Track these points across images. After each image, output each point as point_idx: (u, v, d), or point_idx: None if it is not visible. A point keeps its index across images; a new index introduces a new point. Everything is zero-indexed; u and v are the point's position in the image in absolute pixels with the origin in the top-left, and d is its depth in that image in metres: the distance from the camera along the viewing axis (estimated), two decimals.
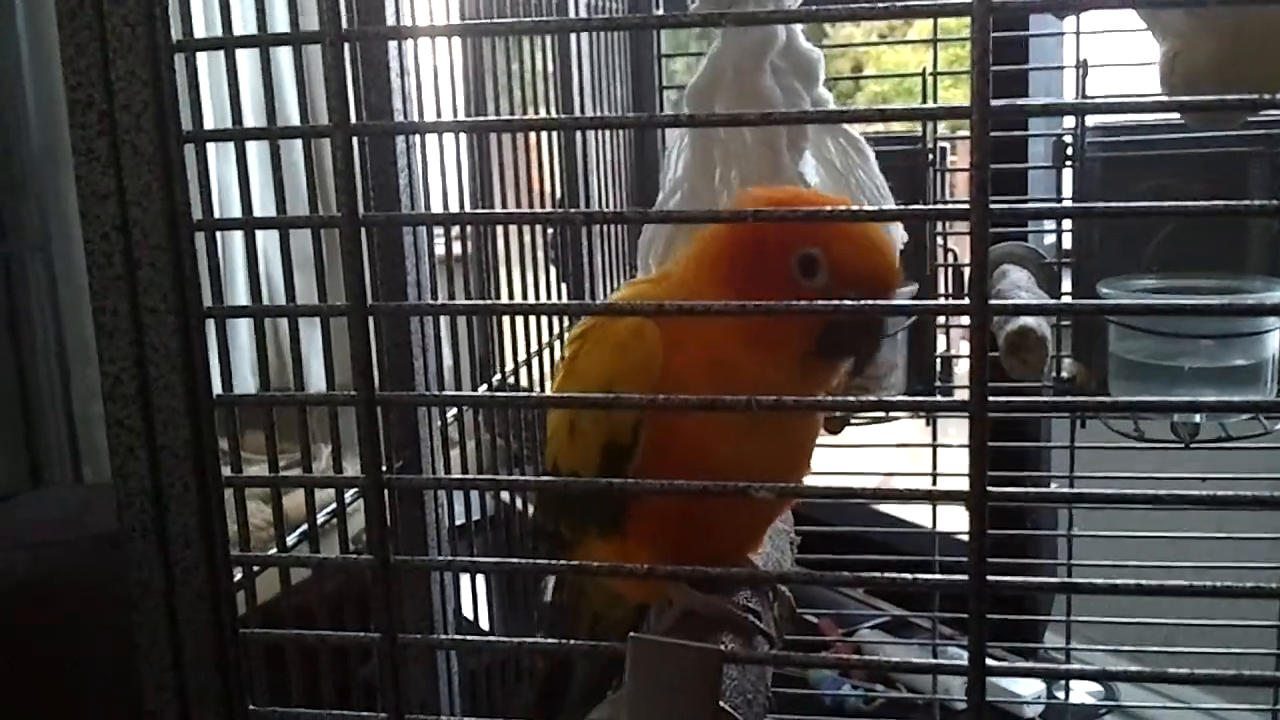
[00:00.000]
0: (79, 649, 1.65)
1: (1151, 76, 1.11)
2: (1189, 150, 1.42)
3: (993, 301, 0.48)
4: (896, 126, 1.63)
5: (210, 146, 0.62)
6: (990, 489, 0.48)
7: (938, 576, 0.54)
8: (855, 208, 0.73)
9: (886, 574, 0.54)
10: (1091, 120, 1.50)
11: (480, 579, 1.34)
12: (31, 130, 2.56)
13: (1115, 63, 1.50)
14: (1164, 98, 0.96)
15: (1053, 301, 1.45)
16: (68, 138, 0.55)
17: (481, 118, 1.15)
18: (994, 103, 0.46)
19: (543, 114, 1.35)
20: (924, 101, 1.57)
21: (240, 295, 2.04)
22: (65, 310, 2.61)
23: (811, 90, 1.01)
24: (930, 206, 1.51)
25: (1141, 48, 1.19)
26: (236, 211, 0.69)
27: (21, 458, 2.69)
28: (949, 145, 1.61)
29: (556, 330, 1.31)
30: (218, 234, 0.61)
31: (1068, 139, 1.50)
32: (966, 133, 1.66)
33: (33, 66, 2.56)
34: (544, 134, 1.34)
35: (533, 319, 1.25)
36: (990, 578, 0.49)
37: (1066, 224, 1.56)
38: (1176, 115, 1.35)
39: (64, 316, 2.62)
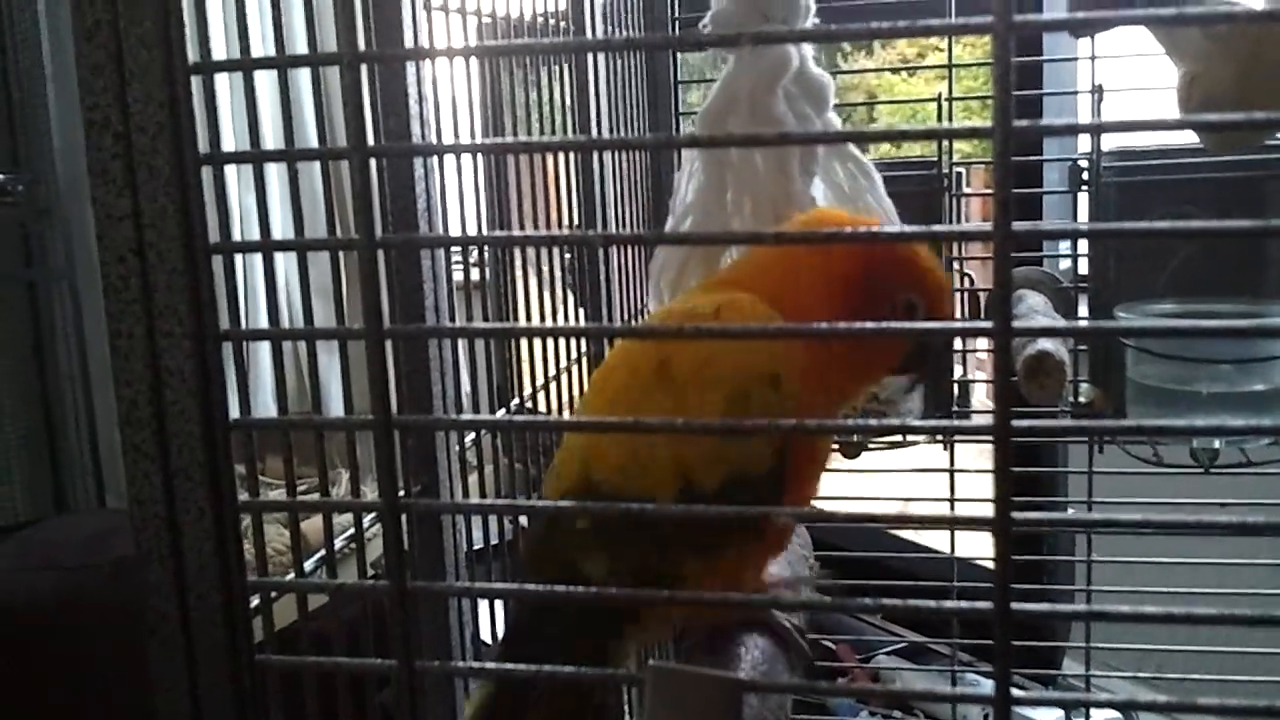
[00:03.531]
0: (101, 672, 1.64)
1: (1167, 102, 1.11)
2: (1205, 175, 1.42)
3: (1016, 324, 0.48)
4: (914, 150, 1.63)
5: (231, 174, 0.62)
6: (1014, 514, 0.48)
7: (961, 604, 0.53)
8: (883, 229, 0.73)
9: (910, 601, 0.53)
10: (1107, 146, 1.49)
11: (498, 605, 1.33)
12: (57, 160, 2.58)
13: (1131, 87, 1.50)
14: (1189, 117, 0.96)
15: (1075, 324, 1.45)
16: None
17: (499, 139, 1.14)
18: (1016, 123, 0.45)
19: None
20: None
21: (261, 322, 2.04)
22: (89, 337, 2.63)
23: (822, 114, 1.01)
24: (954, 227, 1.50)
25: (1157, 74, 1.19)
26: (257, 237, 0.69)
27: (46, 484, 2.70)
28: (964, 171, 1.60)
29: (574, 355, 1.31)
30: (238, 262, 0.61)
31: (1083, 164, 1.50)
32: (981, 159, 1.66)
33: (58, 98, 2.59)
34: (562, 165, 1.33)
35: (550, 344, 1.24)
36: (1015, 605, 0.49)
37: (1083, 248, 1.55)
38: (1192, 141, 1.35)
39: (88, 344, 2.64)
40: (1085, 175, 1.50)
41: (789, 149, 0.88)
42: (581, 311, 1.37)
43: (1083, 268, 1.55)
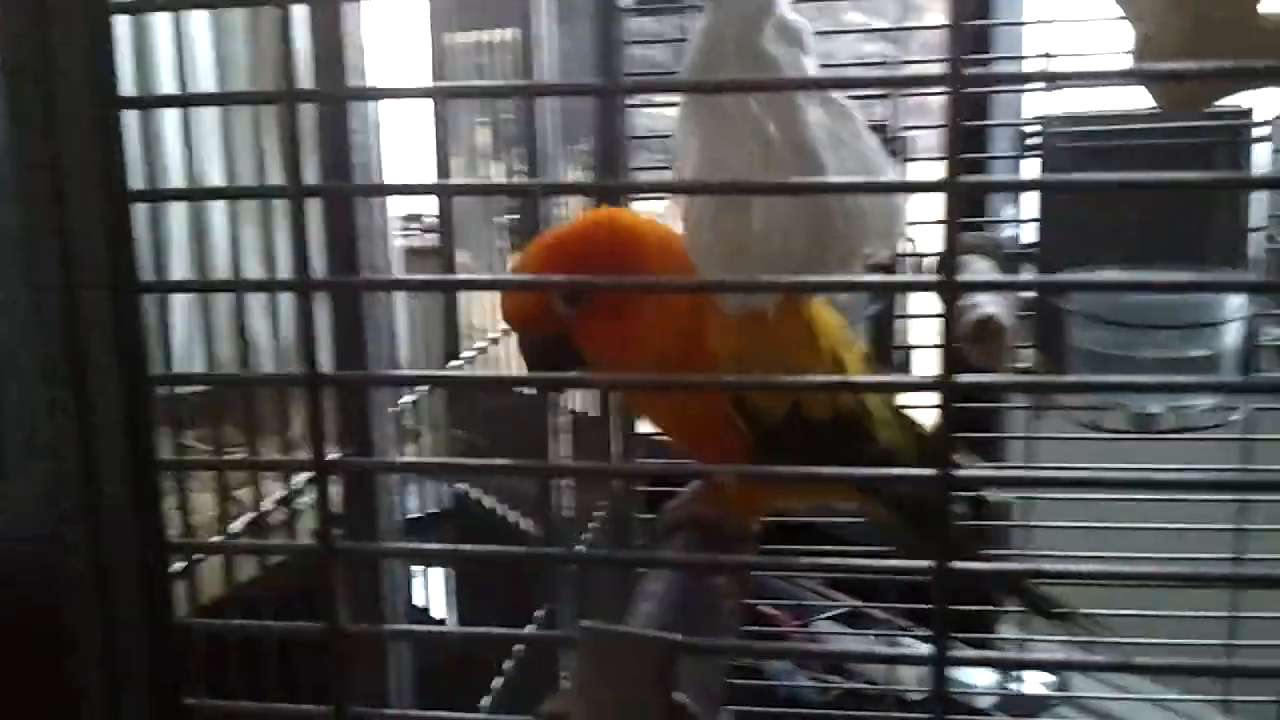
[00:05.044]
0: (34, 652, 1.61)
1: (1116, 68, 1.10)
2: (1152, 141, 1.42)
3: (961, 278, 0.47)
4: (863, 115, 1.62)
5: (171, 126, 0.60)
6: (952, 472, 0.47)
7: (902, 562, 0.52)
8: (840, 180, 0.71)
9: (848, 559, 0.52)
10: (1056, 110, 1.49)
11: (439, 575, 1.32)
12: None
13: (1080, 53, 1.49)
14: (1139, 67, 0.95)
15: (1022, 278, 1.44)
16: None
17: (441, 83, 1.12)
18: (967, 71, 0.44)
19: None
20: (889, 98, 1.55)
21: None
22: None
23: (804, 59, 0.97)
24: (904, 180, 1.49)
25: (1107, 42, 1.18)
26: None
27: None
28: (912, 136, 1.59)
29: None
30: (176, 234, 0.59)
31: (1030, 129, 1.50)
32: (928, 123, 1.64)
33: None
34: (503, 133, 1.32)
35: (491, 310, 1.22)
36: (953, 564, 0.48)
37: (1030, 213, 1.55)
38: (1143, 106, 1.35)
39: None
40: (1031, 140, 1.50)
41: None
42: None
43: (1027, 237, 1.55)
